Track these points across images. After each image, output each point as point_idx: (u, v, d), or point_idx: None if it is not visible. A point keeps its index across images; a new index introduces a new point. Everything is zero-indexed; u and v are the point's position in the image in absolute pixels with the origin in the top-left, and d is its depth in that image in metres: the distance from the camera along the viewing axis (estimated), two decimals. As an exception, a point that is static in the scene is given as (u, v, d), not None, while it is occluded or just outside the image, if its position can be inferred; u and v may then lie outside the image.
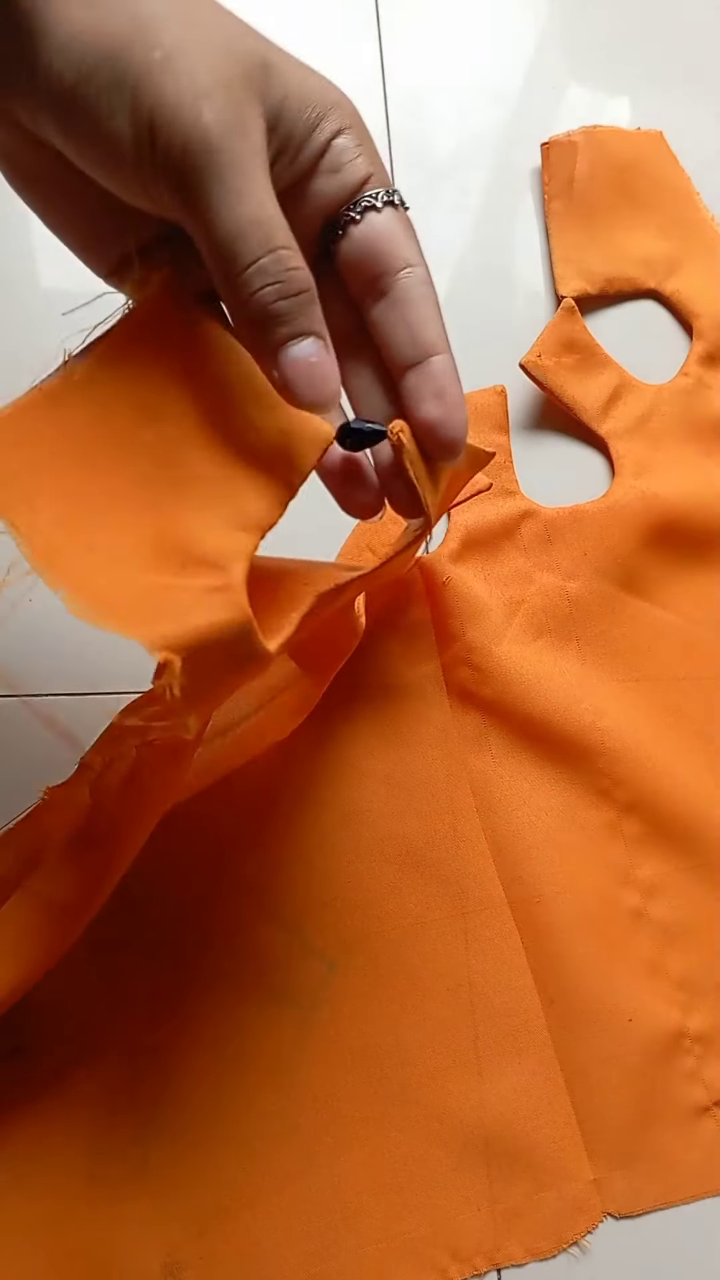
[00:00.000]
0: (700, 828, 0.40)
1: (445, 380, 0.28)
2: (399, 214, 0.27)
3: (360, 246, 0.27)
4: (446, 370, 0.28)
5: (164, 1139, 0.35)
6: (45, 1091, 0.35)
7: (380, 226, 0.27)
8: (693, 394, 0.45)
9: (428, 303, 0.28)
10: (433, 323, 0.28)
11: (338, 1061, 0.36)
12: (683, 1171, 0.36)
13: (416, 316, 0.28)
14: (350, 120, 0.27)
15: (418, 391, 0.28)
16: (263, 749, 0.37)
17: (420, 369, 0.28)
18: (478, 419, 0.44)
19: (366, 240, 0.27)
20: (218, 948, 0.37)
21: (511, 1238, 0.35)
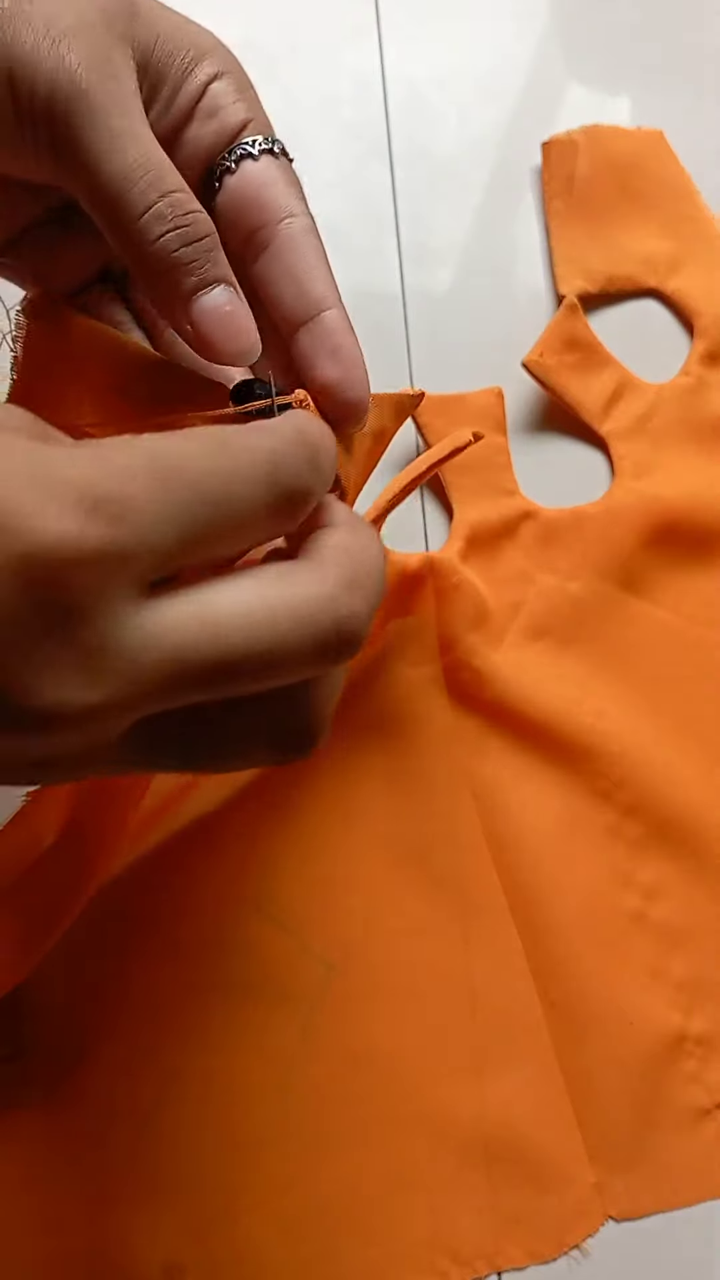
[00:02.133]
0: (702, 830, 0.40)
1: (339, 336, 0.25)
2: (279, 162, 0.25)
3: (237, 197, 0.25)
4: (339, 325, 0.25)
5: (164, 1142, 0.35)
6: (46, 1094, 0.35)
7: (257, 174, 0.25)
8: (694, 393, 0.45)
9: (313, 253, 0.25)
10: (320, 274, 0.25)
11: (337, 1064, 0.36)
12: (684, 1174, 0.36)
13: (302, 268, 0.25)
14: (227, 65, 0.25)
15: (310, 351, 0.25)
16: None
17: (311, 326, 0.25)
18: (473, 419, 0.43)
19: (243, 190, 0.25)
20: (217, 950, 0.36)
21: (512, 1241, 0.35)
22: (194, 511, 0.18)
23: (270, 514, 0.20)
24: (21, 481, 0.16)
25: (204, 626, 0.18)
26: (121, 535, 0.17)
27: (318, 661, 0.19)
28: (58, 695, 0.17)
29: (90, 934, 0.36)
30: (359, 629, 0.20)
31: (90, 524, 0.17)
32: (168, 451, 0.18)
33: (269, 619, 0.19)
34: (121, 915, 0.37)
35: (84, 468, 0.17)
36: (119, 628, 0.17)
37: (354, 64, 0.50)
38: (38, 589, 0.16)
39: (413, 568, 0.40)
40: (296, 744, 0.21)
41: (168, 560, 0.18)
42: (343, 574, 0.20)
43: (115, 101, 0.23)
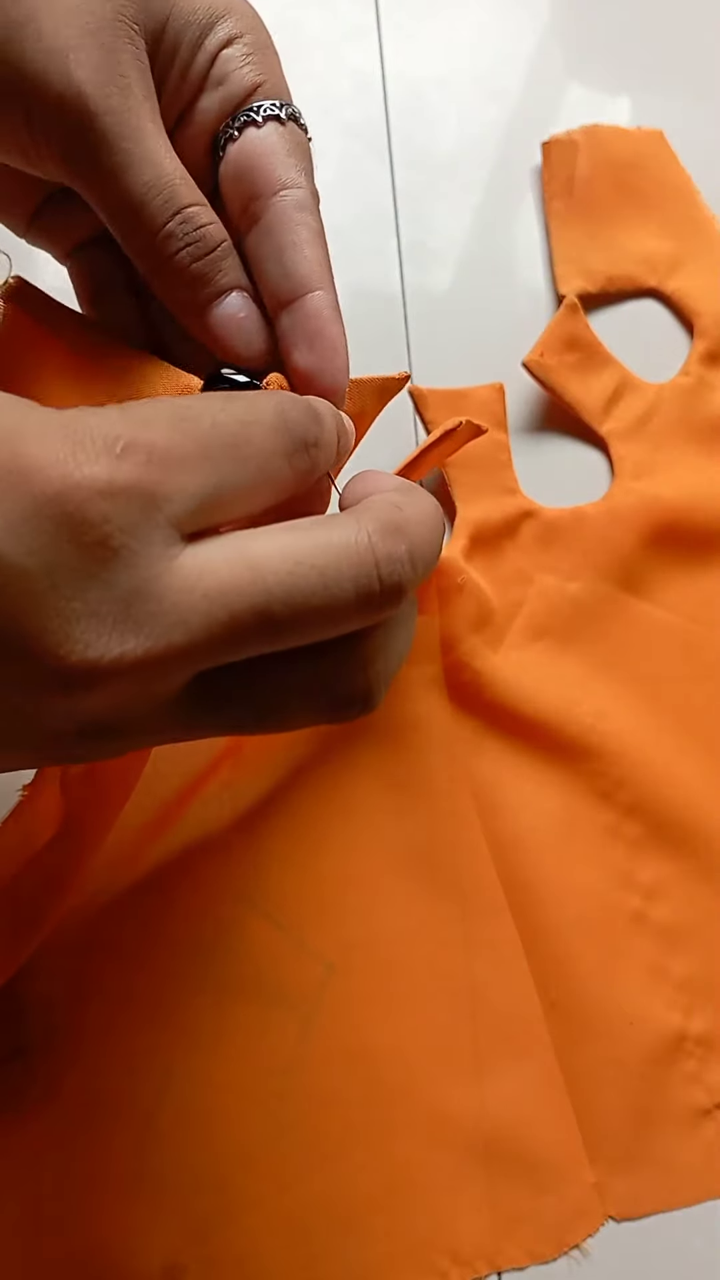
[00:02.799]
0: (702, 830, 0.40)
1: (320, 321, 0.24)
2: (284, 129, 0.24)
3: (235, 166, 0.25)
4: (321, 309, 0.24)
5: (163, 1142, 0.35)
6: (45, 1094, 0.35)
7: (257, 143, 0.24)
8: (694, 393, 0.45)
9: (304, 230, 0.24)
10: (308, 253, 0.24)
11: (337, 1064, 0.36)
12: (684, 1174, 0.36)
13: (290, 246, 0.24)
14: (242, 27, 0.24)
15: (290, 335, 0.25)
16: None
17: (294, 309, 0.25)
18: (475, 415, 0.43)
19: (241, 159, 0.24)
20: (216, 950, 0.36)
21: (512, 1241, 0.35)
22: (216, 456, 0.18)
23: (285, 461, 0.20)
24: (51, 431, 0.17)
25: (244, 567, 0.18)
26: (152, 475, 0.17)
27: (362, 608, 0.19)
28: (97, 645, 0.17)
29: (90, 934, 0.36)
30: (402, 575, 0.20)
31: (120, 466, 0.17)
32: (185, 404, 0.19)
33: (309, 560, 0.19)
34: (121, 915, 0.37)
35: (110, 420, 0.17)
36: (158, 570, 0.17)
37: (354, 64, 0.50)
38: (71, 529, 0.16)
39: None
40: (353, 702, 0.21)
41: (199, 504, 0.18)
42: (382, 519, 0.20)
43: (125, 118, 0.23)
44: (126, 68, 0.23)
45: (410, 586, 0.20)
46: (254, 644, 0.19)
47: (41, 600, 0.16)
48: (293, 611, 0.18)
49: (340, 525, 0.19)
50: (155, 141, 0.23)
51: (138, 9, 0.23)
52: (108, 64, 0.22)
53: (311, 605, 0.19)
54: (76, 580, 0.17)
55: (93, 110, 0.22)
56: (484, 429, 0.31)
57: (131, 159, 0.23)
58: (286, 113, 0.25)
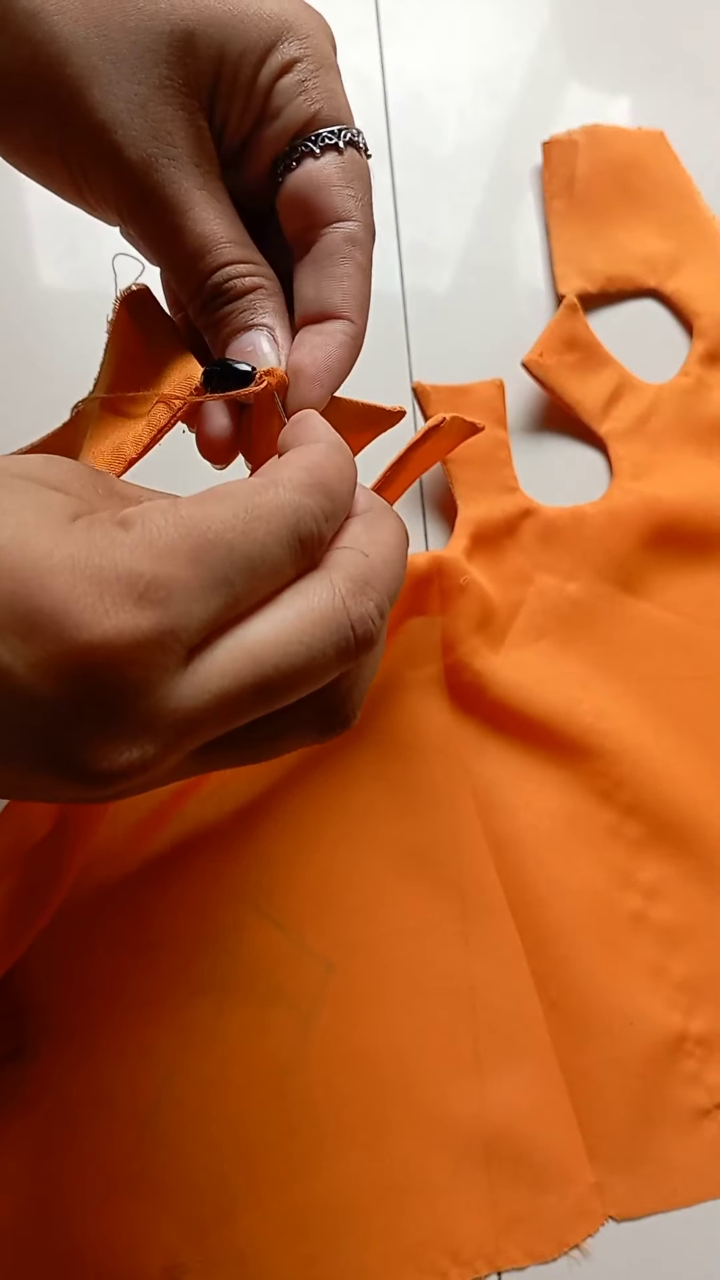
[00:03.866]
0: (702, 830, 0.40)
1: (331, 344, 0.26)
2: (341, 157, 0.25)
3: (292, 195, 0.26)
4: (338, 332, 0.26)
5: (163, 1142, 0.35)
6: (45, 1094, 0.35)
7: (313, 175, 0.25)
8: (693, 393, 0.45)
9: (349, 263, 0.26)
10: (346, 285, 0.26)
11: (337, 1064, 0.36)
12: (684, 1174, 0.36)
13: (330, 275, 0.26)
14: (301, 49, 0.25)
15: (300, 341, 0.26)
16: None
17: (316, 328, 0.26)
18: (476, 412, 0.43)
19: (297, 190, 0.26)
20: (216, 950, 0.36)
21: (512, 1241, 0.35)
22: (230, 578, 0.20)
23: (293, 562, 0.21)
24: (81, 575, 0.18)
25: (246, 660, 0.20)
26: (169, 616, 0.19)
27: (341, 663, 0.21)
28: (120, 759, 0.19)
29: (90, 934, 0.36)
30: (371, 628, 0.21)
31: (141, 613, 0.18)
32: (204, 524, 0.19)
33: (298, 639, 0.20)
34: (121, 915, 0.37)
35: (134, 555, 0.18)
36: (170, 688, 0.19)
37: (354, 64, 0.50)
38: (101, 675, 0.18)
39: (420, 568, 0.40)
40: (335, 728, 0.23)
41: (211, 624, 0.20)
42: (352, 576, 0.21)
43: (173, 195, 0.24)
44: (175, 136, 0.24)
45: (380, 635, 0.22)
46: (253, 715, 0.21)
47: (70, 727, 0.18)
48: (286, 683, 0.20)
49: (316, 590, 0.21)
50: (201, 210, 0.25)
51: (186, 67, 0.24)
52: (155, 137, 0.24)
53: (300, 674, 0.20)
54: (101, 714, 0.18)
55: (142, 186, 0.24)
56: (480, 426, 0.31)
57: (178, 231, 0.25)
58: (345, 139, 0.25)
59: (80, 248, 0.45)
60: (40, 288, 0.45)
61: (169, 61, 0.24)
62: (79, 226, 0.46)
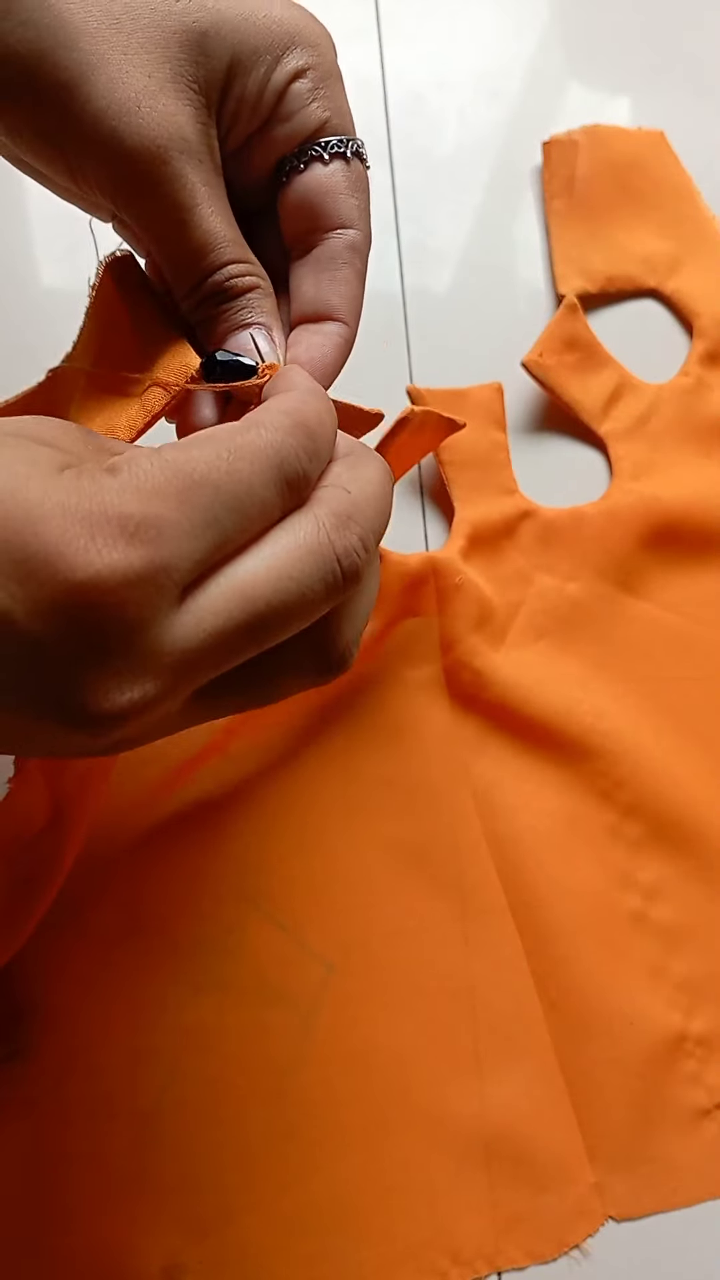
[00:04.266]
0: (702, 830, 0.40)
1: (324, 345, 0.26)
2: (347, 168, 0.26)
3: (298, 198, 0.26)
4: (331, 334, 0.27)
5: (163, 1142, 0.35)
6: (44, 1095, 0.35)
7: (321, 181, 0.26)
8: (693, 394, 0.45)
9: (347, 269, 0.27)
10: (342, 290, 0.27)
11: (337, 1065, 0.36)
12: (684, 1174, 0.36)
13: (328, 279, 0.27)
14: (311, 59, 0.26)
15: (295, 339, 0.27)
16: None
17: (310, 327, 0.27)
18: (473, 415, 0.43)
19: (304, 193, 0.26)
20: (217, 950, 0.36)
21: (512, 1241, 0.35)
22: (218, 517, 0.20)
23: (280, 501, 0.21)
24: (72, 518, 0.18)
25: (238, 598, 0.20)
26: (161, 553, 0.19)
27: (329, 597, 0.22)
28: (120, 698, 0.19)
29: (91, 934, 0.36)
30: (358, 561, 0.22)
31: (133, 549, 0.19)
32: (190, 467, 0.20)
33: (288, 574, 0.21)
34: (122, 916, 0.37)
35: (123, 497, 0.19)
36: (165, 626, 0.19)
37: (354, 64, 0.50)
38: (96, 613, 0.18)
39: (414, 568, 0.40)
40: (332, 667, 0.23)
41: (203, 562, 0.20)
42: (335, 510, 0.22)
43: (177, 191, 0.24)
44: (187, 130, 0.24)
45: (365, 567, 0.22)
46: (247, 653, 0.21)
47: (68, 668, 0.19)
48: (278, 620, 0.21)
49: (301, 525, 0.22)
50: (204, 208, 0.25)
51: (198, 66, 0.24)
52: (163, 128, 0.24)
53: (291, 610, 0.21)
54: (98, 653, 0.19)
55: (147, 178, 0.24)
56: (461, 423, 0.31)
57: (182, 225, 0.25)
58: (352, 149, 0.26)
59: (80, 248, 0.45)
60: (40, 288, 0.45)
61: (180, 59, 0.24)
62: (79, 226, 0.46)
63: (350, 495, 0.23)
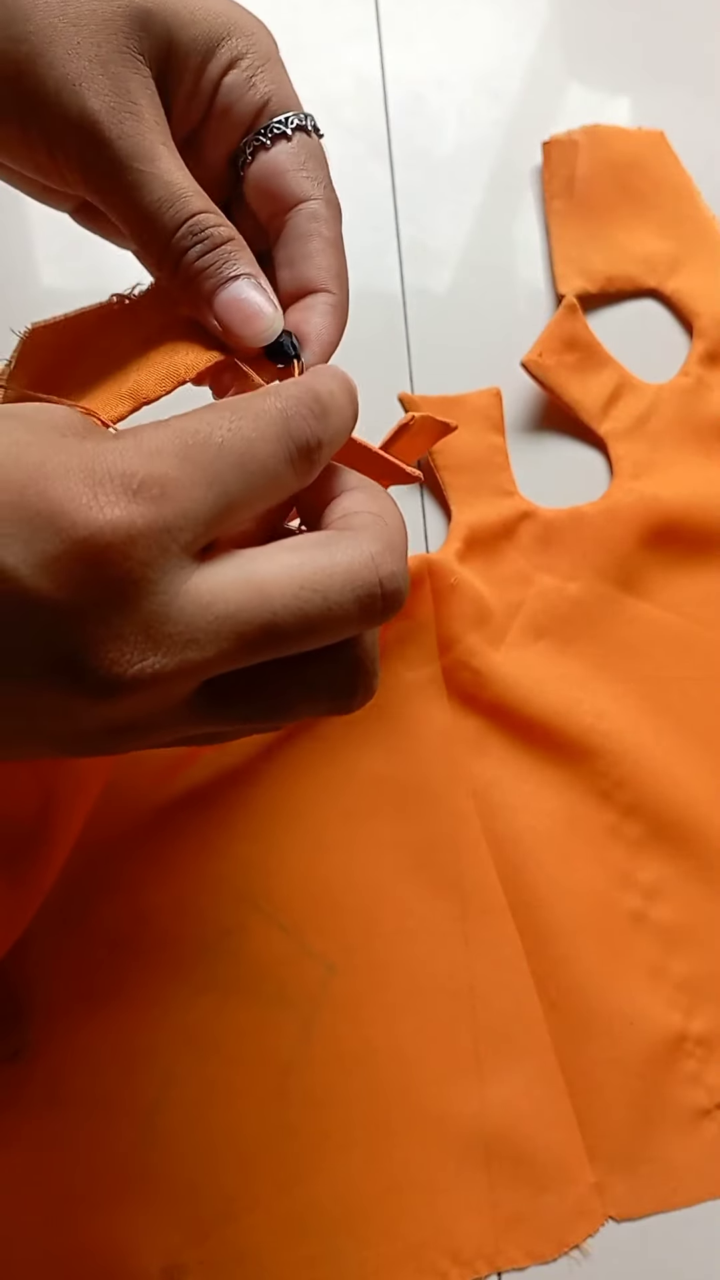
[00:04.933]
0: (702, 830, 0.40)
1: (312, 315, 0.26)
2: (290, 144, 0.26)
3: (254, 187, 0.27)
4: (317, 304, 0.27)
5: (164, 1143, 0.35)
6: (46, 1094, 0.35)
7: (268, 164, 0.26)
8: (693, 394, 0.45)
9: (317, 239, 0.27)
10: (318, 260, 0.27)
11: (337, 1065, 0.36)
12: (684, 1174, 0.36)
13: (301, 255, 0.27)
14: (244, 46, 0.26)
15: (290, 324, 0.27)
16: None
17: (298, 305, 0.27)
18: (471, 420, 0.43)
19: (258, 180, 0.27)
20: (217, 951, 0.36)
21: (512, 1241, 0.35)
22: (224, 476, 0.20)
23: (289, 466, 0.21)
24: (75, 477, 0.19)
25: (252, 591, 0.20)
26: (166, 511, 0.19)
27: (363, 620, 0.21)
28: (123, 662, 0.19)
29: (91, 935, 0.36)
30: (401, 587, 0.22)
31: (137, 506, 0.19)
32: (193, 428, 0.20)
33: (312, 585, 0.20)
34: (122, 916, 0.37)
35: (125, 456, 0.19)
36: (174, 596, 0.19)
37: (354, 64, 0.50)
38: (100, 569, 0.18)
39: (411, 570, 0.40)
40: (354, 695, 0.23)
41: (210, 525, 0.20)
42: (379, 537, 0.22)
43: (136, 144, 0.24)
44: (136, 94, 0.24)
45: (406, 597, 0.22)
46: (260, 655, 0.21)
47: (74, 626, 0.19)
48: (298, 629, 0.20)
49: (345, 547, 0.21)
50: (166, 161, 0.25)
51: (141, 40, 0.25)
52: (118, 91, 0.24)
53: (314, 623, 0.21)
54: (104, 610, 0.19)
55: (107, 136, 0.24)
56: (452, 426, 0.31)
57: (144, 177, 0.24)
58: (293, 126, 0.26)
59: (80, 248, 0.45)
60: (40, 288, 0.45)
61: (126, 31, 0.24)
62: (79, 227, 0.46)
63: (388, 526, 0.22)
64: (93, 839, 0.37)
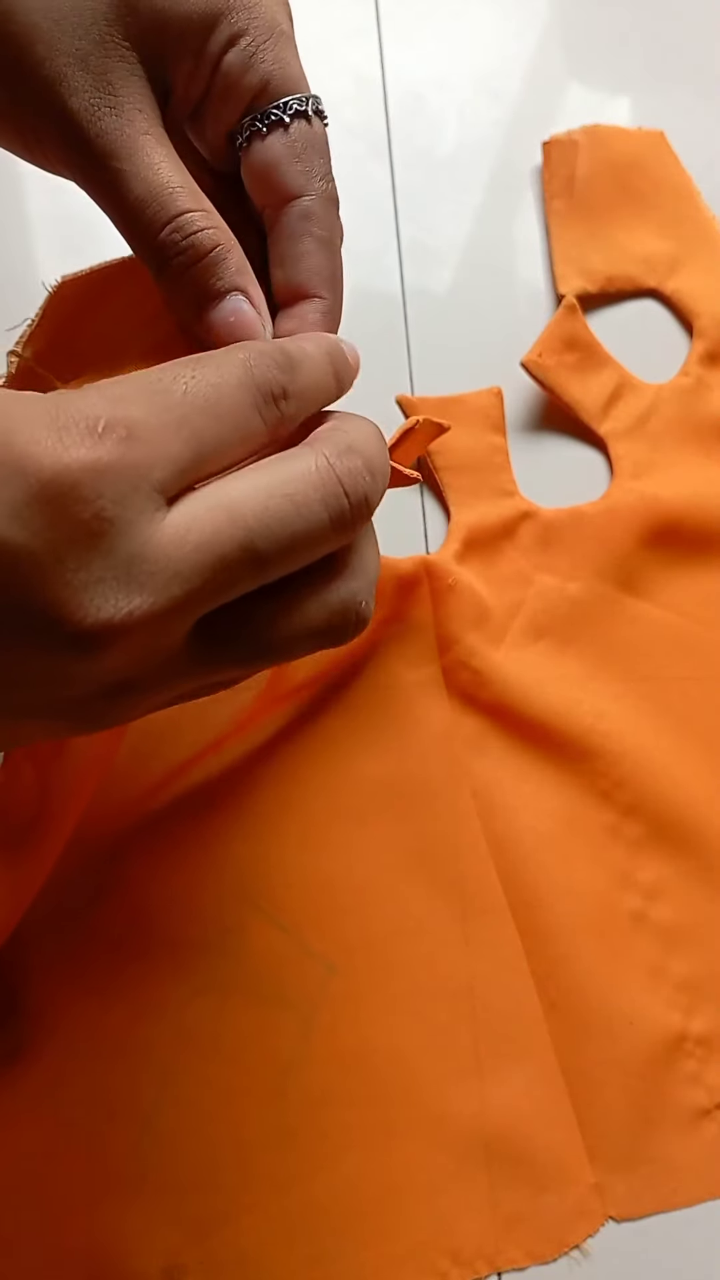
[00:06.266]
0: (702, 830, 0.40)
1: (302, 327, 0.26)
2: (287, 134, 0.25)
3: (251, 175, 0.26)
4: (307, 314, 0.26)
5: (163, 1143, 0.35)
6: (44, 1094, 0.35)
7: (262, 153, 0.25)
8: (693, 393, 0.45)
9: (308, 239, 0.26)
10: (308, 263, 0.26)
11: (337, 1065, 0.36)
12: (684, 1174, 0.36)
13: (291, 256, 0.26)
14: (247, 20, 0.24)
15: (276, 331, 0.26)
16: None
17: (287, 313, 0.26)
18: (471, 420, 0.43)
19: (254, 168, 0.26)
20: (217, 951, 0.36)
21: (512, 1241, 0.35)
22: (191, 420, 0.20)
23: (255, 413, 0.21)
24: (39, 423, 0.18)
25: (223, 512, 0.20)
26: (134, 449, 0.19)
27: (336, 525, 0.21)
28: (106, 607, 0.18)
29: (91, 935, 0.36)
30: (365, 486, 0.21)
31: (102, 445, 0.18)
32: (155, 376, 0.20)
33: (279, 491, 0.20)
34: (122, 916, 0.37)
35: (89, 402, 0.19)
36: (149, 533, 0.19)
37: (354, 64, 0.50)
38: (67, 508, 0.18)
39: (407, 571, 0.40)
40: (347, 620, 0.23)
41: (181, 468, 0.20)
42: (334, 442, 0.22)
43: (116, 141, 0.24)
44: (118, 86, 0.24)
45: (373, 496, 0.22)
46: (245, 580, 0.20)
47: (50, 574, 0.18)
48: (274, 542, 0.20)
49: (299, 455, 0.21)
50: (150, 155, 0.24)
51: (128, 26, 0.24)
52: (98, 87, 0.23)
53: (290, 532, 0.20)
54: (79, 553, 0.18)
55: (86, 134, 0.23)
56: (445, 426, 0.31)
57: (123, 176, 0.24)
58: (291, 112, 0.25)
59: (80, 248, 0.45)
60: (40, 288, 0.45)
61: (109, 19, 0.24)
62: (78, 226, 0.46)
63: (349, 434, 0.22)
64: (93, 838, 0.37)
